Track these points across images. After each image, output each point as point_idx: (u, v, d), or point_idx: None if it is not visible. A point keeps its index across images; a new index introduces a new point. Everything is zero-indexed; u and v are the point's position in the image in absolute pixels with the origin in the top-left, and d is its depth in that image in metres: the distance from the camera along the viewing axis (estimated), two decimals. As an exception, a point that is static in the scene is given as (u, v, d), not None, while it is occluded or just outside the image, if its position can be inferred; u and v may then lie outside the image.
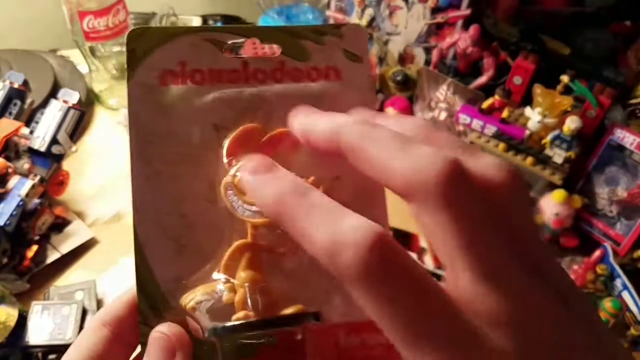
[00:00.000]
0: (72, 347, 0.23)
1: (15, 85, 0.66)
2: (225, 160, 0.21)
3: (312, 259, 0.17)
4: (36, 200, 0.63)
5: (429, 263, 0.67)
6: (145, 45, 0.21)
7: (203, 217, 0.21)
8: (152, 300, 0.21)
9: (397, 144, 0.18)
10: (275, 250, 0.21)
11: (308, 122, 0.20)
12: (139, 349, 0.23)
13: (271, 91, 0.22)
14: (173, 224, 0.21)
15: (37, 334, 0.54)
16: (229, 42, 0.22)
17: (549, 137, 0.67)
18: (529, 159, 0.69)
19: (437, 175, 0.17)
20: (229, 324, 0.20)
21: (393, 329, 0.16)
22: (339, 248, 0.16)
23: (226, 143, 0.21)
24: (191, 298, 0.21)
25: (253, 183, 0.19)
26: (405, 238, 0.68)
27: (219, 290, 0.21)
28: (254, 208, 0.20)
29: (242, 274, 0.20)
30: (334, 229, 0.17)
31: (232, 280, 0.21)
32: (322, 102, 0.21)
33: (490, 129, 0.71)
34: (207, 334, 0.20)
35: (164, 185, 0.21)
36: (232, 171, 0.20)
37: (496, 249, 0.18)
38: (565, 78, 0.67)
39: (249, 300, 0.20)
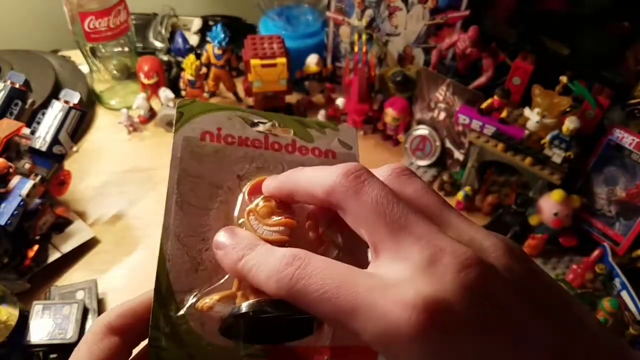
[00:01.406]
0: (83, 352, 0.25)
1: (17, 86, 0.66)
2: (246, 197, 0.27)
3: None
4: (37, 200, 0.63)
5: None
6: (192, 111, 0.28)
7: None
8: (166, 307, 0.24)
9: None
10: None
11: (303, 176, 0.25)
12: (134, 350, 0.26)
13: (284, 157, 0.29)
14: (194, 245, 0.26)
15: (38, 333, 0.54)
16: (255, 120, 0.29)
17: (548, 137, 0.67)
18: (528, 159, 0.69)
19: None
20: (246, 303, 0.23)
21: None
22: None
23: (246, 188, 0.27)
24: (208, 300, 0.24)
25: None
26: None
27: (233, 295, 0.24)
28: (273, 228, 0.25)
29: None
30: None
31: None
32: None
33: (490, 129, 0.71)
34: (228, 315, 0.23)
35: (192, 214, 0.26)
36: (254, 202, 0.26)
37: None
38: (564, 78, 0.67)
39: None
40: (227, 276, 0.25)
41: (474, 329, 0.18)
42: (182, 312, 0.24)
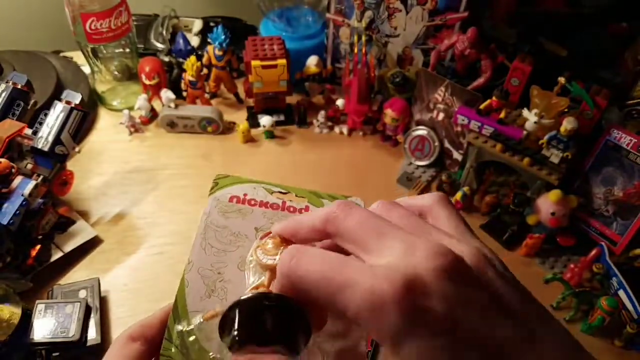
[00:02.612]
0: (111, 357, 0.29)
1: (19, 86, 0.67)
2: (258, 240, 0.30)
3: None
4: (40, 200, 0.63)
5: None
6: (225, 182, 0.35)
7: (232, 276, 0.31)
8: (179, 323, 0.29)
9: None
10: None
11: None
12: None
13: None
14: (211, 277, 0.31)
15: (41, 331, 0.55)
16: (276, 190, 0.35)
17: (546, 138, 0.68)
18: (526, 160, 0.70)
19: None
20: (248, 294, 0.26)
21: None
22: None
23: (260, 234, 0.31)
24: (211, 312, 0.29)
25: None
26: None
27: None
28: (276, 257, 0.28)
29: None
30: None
31: None
32: None
33: (488, 130, 0.72)
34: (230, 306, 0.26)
35: (212, 254, 0.32)
36: (262, 242, 0.30)
37: None
38: (562, 79, 0.68)
39: None
40: (224, 304, 0.28)
41: (445, 298, 0.21)
42: (191, 326, 0.29)
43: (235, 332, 0.24)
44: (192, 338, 0.28)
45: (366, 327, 0.22)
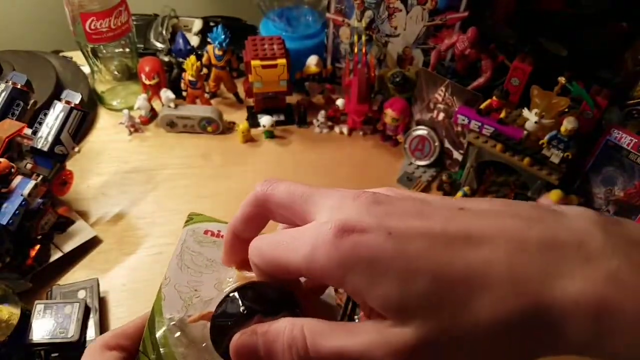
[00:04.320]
0: None
1: (18, 86, 0.66)
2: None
3: None
4: (39, 200, 0.63)
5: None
6: (199, 219, 0.36)
7: (209, 294, 0.31)
8: (155, 336, 0.29)
9: None
10: None
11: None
12: None
13: None
14: (188, 292, 0.31)
15: (40, 332, 0.54)
16: None
17: (546, 138, 0.68)
18: (527, 160, 0.70)
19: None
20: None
21: None
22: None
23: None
24: (199, 314, 0.30)
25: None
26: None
27: None
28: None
29: None
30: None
31: None
32: None
33: (488, 130, 0.72)
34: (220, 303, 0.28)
35: (189, 273, 0.32)
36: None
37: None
38: (562, 79, 0.67)
39: None
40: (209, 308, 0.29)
41: (374, 216, 0.23)
42: (163, 328, 0.29)
43: (242, 307, 0.26)
44: (166, 349, 0.28)
45: (322, 278, 0.23)
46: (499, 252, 0.21)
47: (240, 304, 0.26)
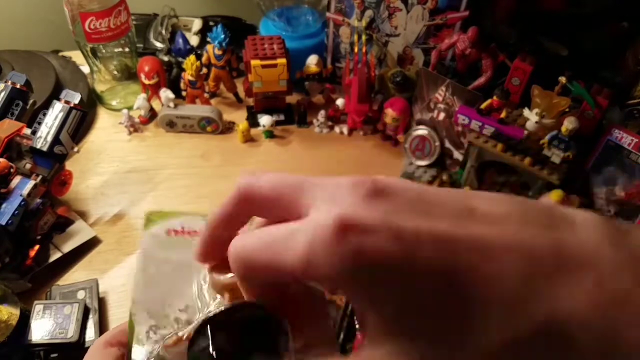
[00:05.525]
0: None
1: (18, 86, 0.66)
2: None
3: None
4: (38, 200, 0.63)
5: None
6: (157, 217, 0.33)
7: (185, 306, 0.30)
8: (129, 350, 0.29)
9: None
10: None
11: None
12: None
13: None
14: (161, 311, 0.30)
15: (39, 332, 0.54)
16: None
17: (547, 138, 0.68)
18: (527, 159, 0.70)
19: None
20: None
21: None
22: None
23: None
24: (175, 336, 0.27)
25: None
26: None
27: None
28: (227, 276, 0.27)
29: None
30: None
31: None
32: None
33: (489, 130, 0.72)
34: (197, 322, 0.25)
35: (159, 287, 0.30)
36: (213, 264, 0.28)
37: None
38: (563, 79, 0.67)
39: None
40: (189, 328, 0.27)
41: (376, 211, 0.21)
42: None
43: (212, 350, 0.23)
44: None
45: (320, 282, 0.21)
46: (509, 267, 0.20)
47: (211, 350, 0.23)
